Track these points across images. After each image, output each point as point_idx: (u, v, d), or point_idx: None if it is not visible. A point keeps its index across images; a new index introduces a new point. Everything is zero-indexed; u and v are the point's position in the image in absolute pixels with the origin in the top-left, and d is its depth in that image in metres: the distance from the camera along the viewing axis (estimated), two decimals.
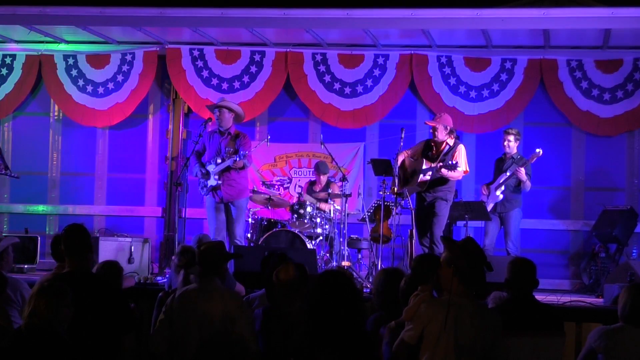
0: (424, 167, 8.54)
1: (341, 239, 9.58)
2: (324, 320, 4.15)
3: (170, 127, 10.97)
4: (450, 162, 8.34)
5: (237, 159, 8.67)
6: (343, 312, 4.18)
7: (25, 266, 9.62)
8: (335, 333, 4.12)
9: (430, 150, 8.70)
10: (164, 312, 5.06)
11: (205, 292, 5.01)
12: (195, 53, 10.65)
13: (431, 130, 8.71)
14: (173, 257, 6.76)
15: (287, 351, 5.05)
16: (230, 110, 9.03)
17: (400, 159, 8.78)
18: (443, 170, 8.33)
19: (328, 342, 4.08)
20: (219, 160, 8.86)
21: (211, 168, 8.89)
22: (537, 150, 9.08)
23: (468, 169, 8.62)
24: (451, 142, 8.67)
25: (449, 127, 8.65)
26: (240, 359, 4.98)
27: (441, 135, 8.62)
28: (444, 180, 8.53)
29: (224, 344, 4.89)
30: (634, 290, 4.90)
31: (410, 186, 8.53)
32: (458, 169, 8.30)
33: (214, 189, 8.88)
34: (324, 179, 10.03)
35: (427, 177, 8.50)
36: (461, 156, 8.59)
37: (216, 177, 8.84)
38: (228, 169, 8.79)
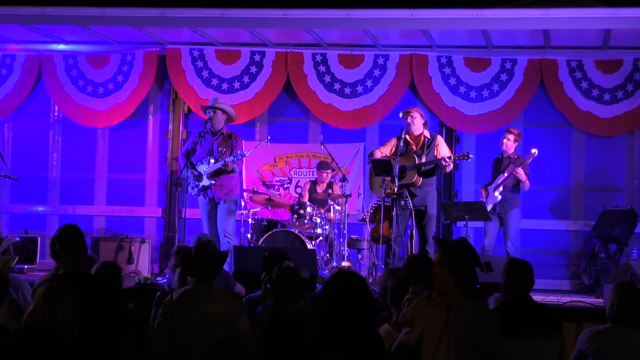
0: (417, 162, 8.63)
1: (341, 240, 9.58)
2: (337, 321, 4.14)
3: (170, 127, 10.97)
4: (459, 153, 8.56)
5: (232, 160, 8.72)
6: (356, 313, 4.18)
7: (25, 266, 9.62)
8: (348, 334, 4.12)
9: (409, 145, 8.76)
10: (161, 314, 5.03)
11: (204, 293, 5.00)
12: (195, 53, 10.65)
13: (408, 121, 8.82)
14: (171, 257, 6.78)
15: (290, 350, 5.06)
16: (224, 111, 9.08)
17: (377, 155, 8.86)
18: (447, 161, 8.56)
19: (339, 343, 4.07)
20: (212, 161, 8.90)
21: (204, 168, 8.93)
22: (533, 150, 9.12)
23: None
24: (428, 134, 8.81)
25: (424, 118, 8.89)
26: (242, 359, 4.98)
27: (418, 127, 8.76)
28: (432, 174, 8.72)
29: (226, 345, 4.88)
30: (621, 290, 4.86)
31: (405, 182, 8.56)
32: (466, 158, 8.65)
33: (205, 188, 8.93)
34: (326, 177, 10.02)
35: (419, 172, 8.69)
36: (445, 147, 8.87)
37: (209, 177, 8.89)
38: (219, 171, 8.83)
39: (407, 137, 8.84)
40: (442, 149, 8.81)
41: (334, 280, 4.32)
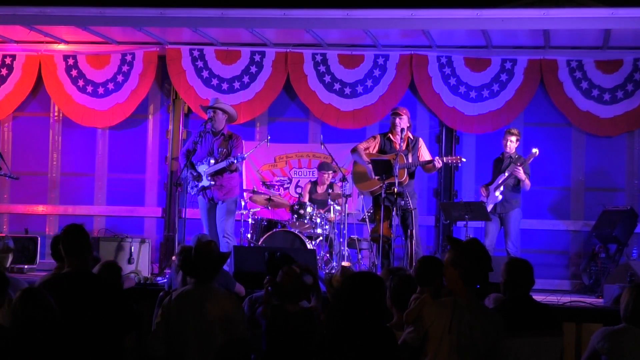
0: (405, 161, 8.59)
1: (341, 239, 9.58)
2: (350, 320, 4.15)
3: (170, 127, 10.97)
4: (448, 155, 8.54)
5: (235, 161, 8.71)
6: (373, 313, 4.19)
7: (25, 266, 9.62)
8: (361, 334, 4.13)
9: (392, 143, 8.77)
10: (160, 314, 5.04)
11: (202, 293, 4.99)
12: (196, 53, 10.65)
13: (397, 121, 8.73)
14: (173, 258, 6.78)
15: (289, 351, 5.06)
16: (224, 111, 9.07)
17: (361, 149, 8.85)
18: (440, 162, 8.59)
19: (351, 344, 4.08)
20: (212, 161, 8.89)
21: (204, 168, 8.92)
22: (534, 150, 9.10)
23: None
24: (411, 135, 8.86)
25: (409, 122, 8.87)
26: (238, 359, 4.99)
27: (405, 126, 8.74)
28: (412, 175, 8.75)
29: (224, 346, 4.88)
30: (636, 291, 4.87)
31: (390, 181, 8.54)
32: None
33: (204, 189, 8.93)
34: (327, 178, 10.01)
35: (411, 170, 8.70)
36: (426, 150, 8.89)
37: (209, 177, 8.88)
38: (222, 170, 8.83)
39: (390, 135, 8.84)
40: (424, 152, 8.82)
41: (352, 282, 4.31)
